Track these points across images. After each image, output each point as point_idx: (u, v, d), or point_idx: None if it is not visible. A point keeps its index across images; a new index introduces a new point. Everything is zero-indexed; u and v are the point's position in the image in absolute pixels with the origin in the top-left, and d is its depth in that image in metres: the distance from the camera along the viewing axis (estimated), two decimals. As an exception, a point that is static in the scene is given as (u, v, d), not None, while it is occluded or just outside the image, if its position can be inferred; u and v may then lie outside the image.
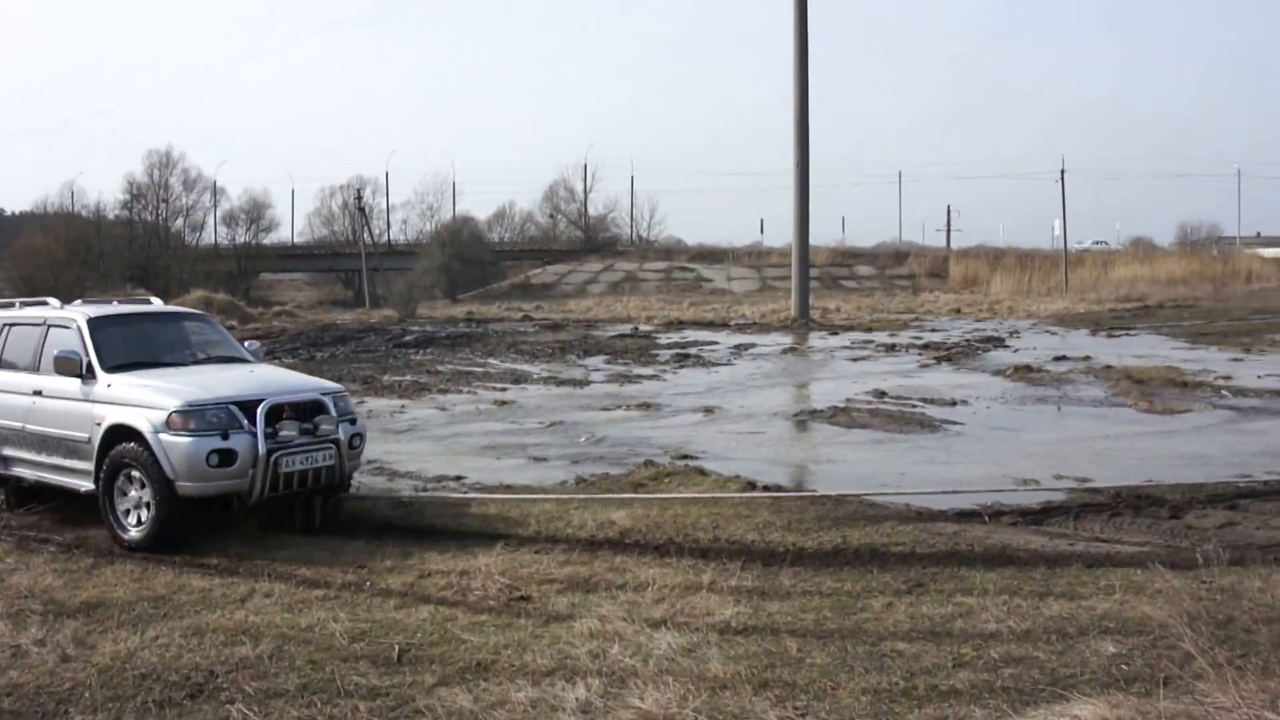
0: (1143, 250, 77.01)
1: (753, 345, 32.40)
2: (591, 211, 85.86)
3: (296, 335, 38.69)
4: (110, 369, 10.03)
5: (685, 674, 6.09)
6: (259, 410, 9.40)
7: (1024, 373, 22.72)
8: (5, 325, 11.29)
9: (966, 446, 14.45)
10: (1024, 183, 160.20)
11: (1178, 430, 15.44)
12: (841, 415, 17.08)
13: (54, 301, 11.57)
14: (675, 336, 35.97)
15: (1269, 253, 75.12)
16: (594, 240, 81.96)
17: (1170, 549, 8.75)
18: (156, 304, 12.85)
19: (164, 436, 9.18)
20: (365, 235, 72.45)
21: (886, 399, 18.87)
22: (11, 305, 12.00)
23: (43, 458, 10.42)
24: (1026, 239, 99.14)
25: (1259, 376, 20.95)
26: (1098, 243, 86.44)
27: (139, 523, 9.39)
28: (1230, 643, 6.20)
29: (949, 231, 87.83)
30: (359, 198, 76.00)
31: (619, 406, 18.88)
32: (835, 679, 6.01)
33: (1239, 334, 31.72)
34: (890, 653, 6.46)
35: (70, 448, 10.06)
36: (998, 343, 31.02)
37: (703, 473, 12.22)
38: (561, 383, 22.75)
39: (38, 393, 10.41)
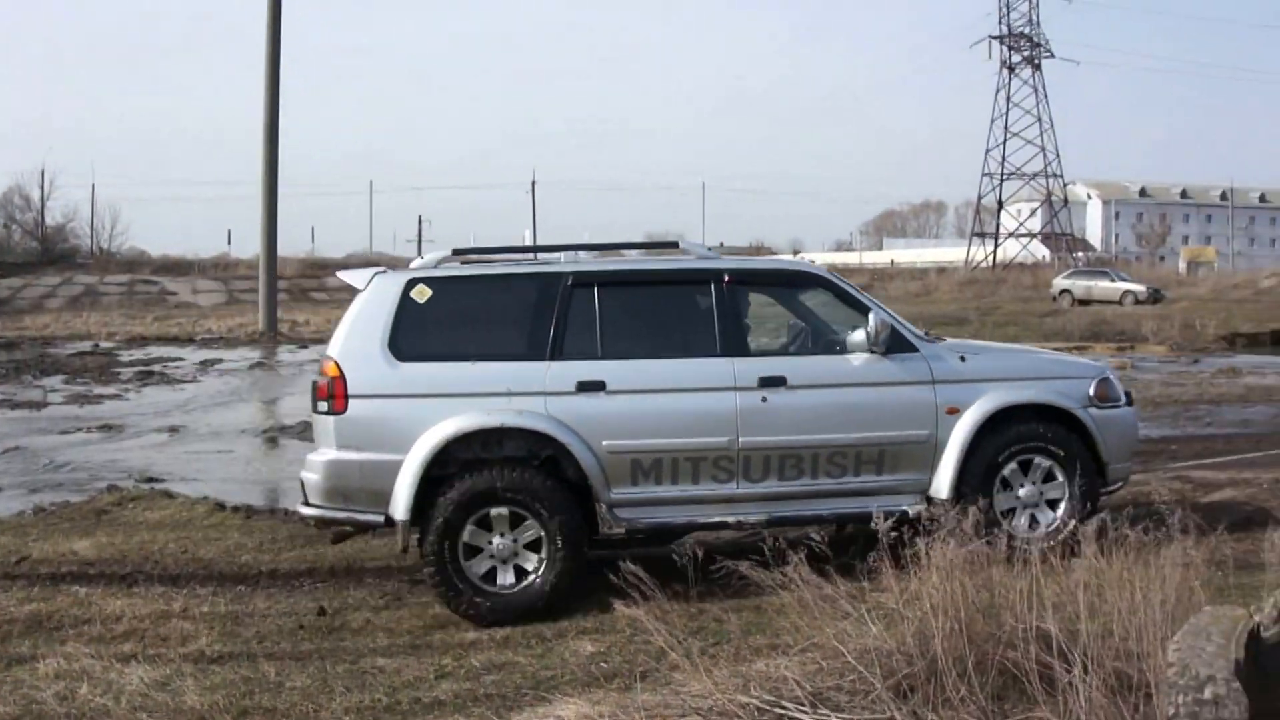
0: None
1: (220, 360, 31.35)
2: (49, 221, 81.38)
3: None
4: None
5: (160, 709, 5.87)
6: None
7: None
8: (579, 283, 7.98)
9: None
10: (496, 193, 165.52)
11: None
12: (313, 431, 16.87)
13: (693, 246, 8.71)
14: (139, 353, 34.14)
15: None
16: (52, 252, 77.56)
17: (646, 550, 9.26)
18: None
19: (1095, 412, 8.44)
20: None
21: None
22: (555, 252, 8.47)
23: (796, 484, 8.01)
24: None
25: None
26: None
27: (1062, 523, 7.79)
28: (703, 633, 6.71)
29: (420, 241, 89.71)
30: None
31: (80, 429, 17.78)
32: (317, 701, 5.99)
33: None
34: (371, 669, 6.51)
35: (872, 455, 8.05)
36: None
37: (170, 495, 11.70)
38: (16, 405, 21.09)
39: (771, 382, 7.89)
